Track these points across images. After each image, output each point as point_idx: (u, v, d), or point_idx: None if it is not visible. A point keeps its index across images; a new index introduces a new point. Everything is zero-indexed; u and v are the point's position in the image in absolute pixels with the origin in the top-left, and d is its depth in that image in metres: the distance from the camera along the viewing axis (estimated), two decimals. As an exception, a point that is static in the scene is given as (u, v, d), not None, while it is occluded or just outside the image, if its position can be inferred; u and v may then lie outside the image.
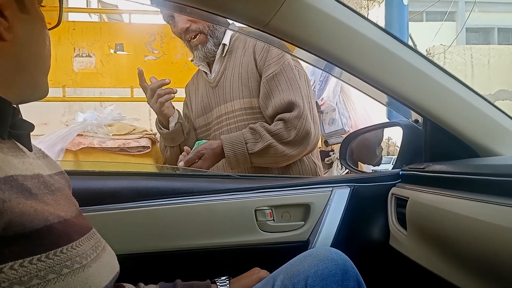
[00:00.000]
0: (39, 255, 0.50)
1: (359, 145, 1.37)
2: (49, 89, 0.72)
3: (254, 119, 1.50)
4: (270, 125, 1.44)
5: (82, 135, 1.57)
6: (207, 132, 1.64)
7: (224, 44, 1.58)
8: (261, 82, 1.47)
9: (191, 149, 1.47)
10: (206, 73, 1.65)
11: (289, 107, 1.40)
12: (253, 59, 1.50)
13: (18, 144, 0.62)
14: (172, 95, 1.53)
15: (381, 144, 1.53)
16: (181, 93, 3.47)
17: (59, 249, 0.53)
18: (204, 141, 1.54)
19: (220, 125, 1.57)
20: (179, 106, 1.82)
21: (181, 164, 1.44)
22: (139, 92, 3.33)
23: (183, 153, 1.48)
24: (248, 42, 1.53)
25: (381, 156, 1.56)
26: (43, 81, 0.69)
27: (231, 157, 1.43)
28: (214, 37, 1.56)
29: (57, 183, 0.66)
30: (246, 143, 1.42)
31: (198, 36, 1.54)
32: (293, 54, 1.09)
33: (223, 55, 1.59)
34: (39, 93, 0.69)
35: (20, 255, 0.48)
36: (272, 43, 1.10)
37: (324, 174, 2.30)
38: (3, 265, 0.47)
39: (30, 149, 0.65)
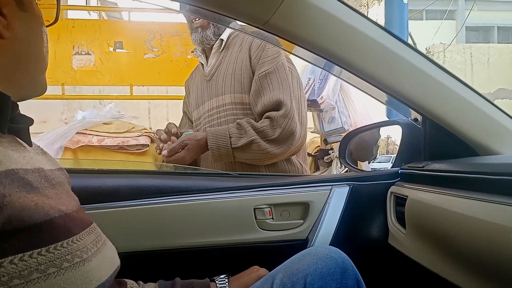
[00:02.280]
0: (39, 249, 0.50)
1: (356, 145, 1.37)
2: (48, 87, 0.72)
3: (244, 114, 1.51)
4: (257, 122, 1.45)
5: (81, 133, 1.57)
6: (199, 126, 1.65)
7: (222, 39, 1.59)
8: (253, 79, 1.48)
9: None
10: (203, 66, 1.67)
11: (277, 106, 1.41)
12: (248, 56, 1.51)
13: (18, 138, 0.62)
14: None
15: (378, 142, 1.53)
16: (180, 90, 3.48)
17: (60, 243, 0.53)
18: (190, 131, 1.54)
19: (211, 118, 1.58)
20: (177, 104, 1.83)
21: (164, 153, 1.44)
22: (138, 90, 3.34)
23: (168, 142, 1.48)
24: (246, 39, 1.54)
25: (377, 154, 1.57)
26: (41, 78, 0.70)
27: (214, 149, 1.44)
28: (216, 26, 1.58)
29: (57, 177, 0.66)
30: (230, 137, 1.43)
31: (201, 19, 1.57)
32: (290, 52, 1.09)
33: (220, 50, 1.60)
34: (37, 90, 0.69)
35: (20, 249, 0.48)
36: (270, 41, 1.10)
37: (323, 172, 2.30)
38: (3, 259, 0.46)
39: (30, 144, 0.65)
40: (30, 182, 0.55)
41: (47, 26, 0.70)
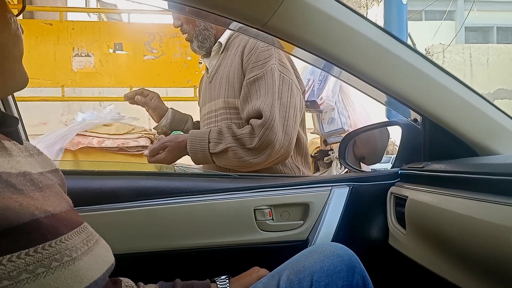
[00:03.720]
0: (27, 250, 0.50)
1: (370, 150, 1.36)
2: (48, 88, 0.71)
3: (237, 119, 1.49)
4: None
5: (81, 134, 1.57)
6: (201, 127, 1.66)
7: (220, 43, 1.59)
8: (243, 84, 1.46)
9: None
10: (207, 68, 1.68)
11: (258, 114, 1.39)
12: (240, 59, 1.49)
13: (5, 143, 0.62)
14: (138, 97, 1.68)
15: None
16: (180, 92, 3.47)
17: (48, 242, 0.53)
18: (179, 132, 1.54)
19: (208, 121, 1.58)
20: (177, 106, 1.83)
21: (146, 153, 1.45)
22: (138, 92, 3.34)
23: (154, 142, 1.49)
24: (241, 42, 1.53)
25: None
26: (17, 69, 0.67)
27: (192, 152, 1.43)
28: (198, 40, 1.60)
29: (47, 180, 0.66)
30: (209, 142, 1.42)
31: (186, 35, 1.63)
32: (290, 53, 1.08)
33: (220, 53, 1.60)
34: (17, 81, 0.67)
35: (8, 250, 0.49)
36: (266, 41, 1.09)
37: (323, 173, 2.30)
38: None
39: (21, 142, 0.65)
40: (14, 184, 0.55)
41: (16, 15, 0.68)
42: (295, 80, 1.52)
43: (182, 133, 1.59)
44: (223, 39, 1.59)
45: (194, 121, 1.84)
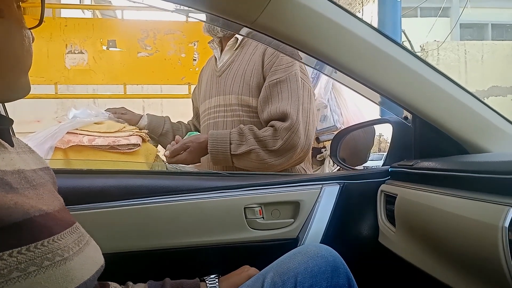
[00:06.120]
0: (19, 248, 0.50)
1: (351, 153, 1.36)
2: (41, 86, 0.71)
3: (249, 117, 1.51)
4: (263, 127, 1.44)
5: (71, 133, 1.55)
6: (203, 119, 1.66)
7: (236, 38, 1.58)
8: (264, 86, 1.47)
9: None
10: (216, 60, 1.67)
11: (283, 117, 1.40)
12: (261, 60, 1.49)
13: None
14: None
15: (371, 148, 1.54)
16: (174, 89, 3.46)
17: (40, 242, 0.53)
18: (195, 132, 1.54)
19: (216, 115, 1.58)
20: (172, 103, 1.82)
21: (166, 153, 1.46)
22: (132, 89, 3.33)
23: (172, 142, 1.49)
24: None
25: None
26: (22, 81, 0.67)
27: (213, 153, 1.44)
28: None
29: (40, 178, 0.66)
30: (231, 143, 1.42)
31: None
32: (303, 62, 1.08)
33: (234, 48, 1.60)
34: (18, 93, 0.67)
35: (1, 248, 0.49)
36: (283, 51, 1.09)
37: (316, 171, 2.30)
38: None
39: (11, 144, 0.65)
40: (9, 183, 0.55)
41: (31, 28, 0.68)
42: (312, 87, 1.55)
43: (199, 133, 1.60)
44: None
45: (176, 121, 1.86)
